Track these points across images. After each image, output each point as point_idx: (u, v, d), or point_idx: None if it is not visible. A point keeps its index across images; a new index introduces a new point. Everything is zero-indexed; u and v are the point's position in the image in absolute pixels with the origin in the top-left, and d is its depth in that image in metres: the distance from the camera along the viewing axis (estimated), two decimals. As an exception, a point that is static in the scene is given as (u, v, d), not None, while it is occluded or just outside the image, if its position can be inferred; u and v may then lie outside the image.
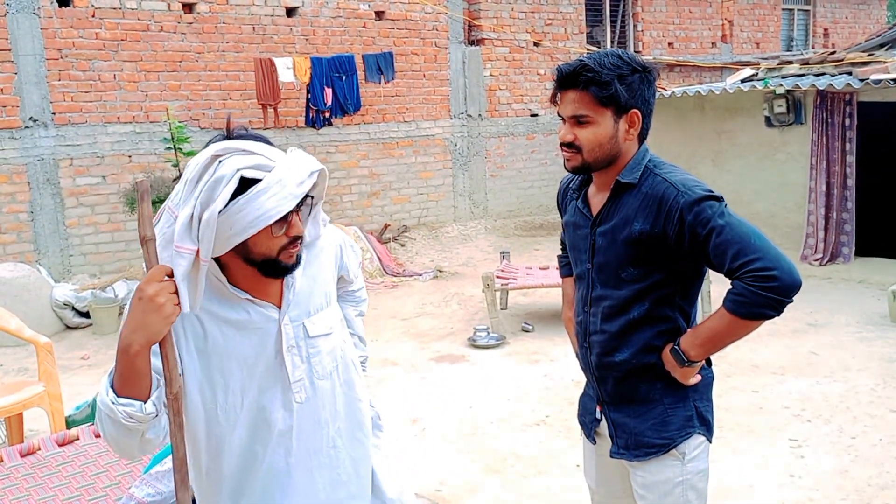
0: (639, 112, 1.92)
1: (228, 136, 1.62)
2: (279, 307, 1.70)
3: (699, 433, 2.00)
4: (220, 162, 1.54)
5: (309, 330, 1.73)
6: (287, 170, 1.56)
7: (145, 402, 1.53)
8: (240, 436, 1.69)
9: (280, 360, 1.70)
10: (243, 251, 1.59)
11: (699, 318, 2.08)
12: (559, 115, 1.97)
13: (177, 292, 1.52)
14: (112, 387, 1.54)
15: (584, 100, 1.89)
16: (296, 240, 1.64)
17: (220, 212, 1.51)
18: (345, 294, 2.13)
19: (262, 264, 1.62)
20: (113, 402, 1.52)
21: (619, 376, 2.00)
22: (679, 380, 1.96)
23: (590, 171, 2.00)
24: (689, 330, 1.96)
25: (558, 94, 1.96)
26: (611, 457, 2.08)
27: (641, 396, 2.00)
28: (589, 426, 2.18)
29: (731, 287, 1.84)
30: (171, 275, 1.53)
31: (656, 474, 2.00)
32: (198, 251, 1.53)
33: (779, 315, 1.82)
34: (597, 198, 2.04)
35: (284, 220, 1.58)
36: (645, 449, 1.99)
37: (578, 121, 1.91)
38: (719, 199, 1.86)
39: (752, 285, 1.78)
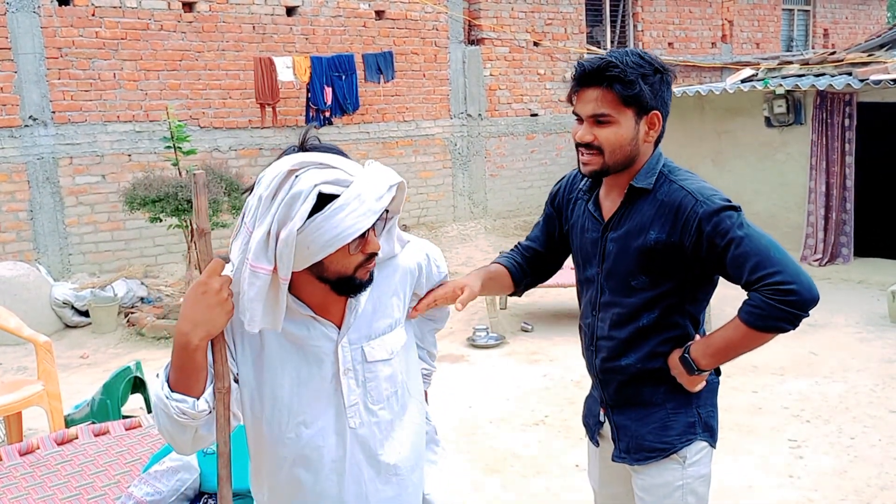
0: (659, 114, 1.86)
1: (302, 147, 1.55)
2: (339, 328, 1.64)
3: (701, 439, 1.97)
4: (297, 177, 1.45)
5: (367, 354, 1.66)
6: (366, 184, 1.49)
7: (198, 398, 1.51)
8: (285, 453, 1.65)
9: (336, 383, 1.64)
10: (317, 270, 1.53)
11: (705, 323, 2.05)
12: (575, 114, 1.90)
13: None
14: (168, 381, 1.51)
15: (606, 98, 1.81)
16: (372, 256, 1.57)
17: (298, 230, 1.44)
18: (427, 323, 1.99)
19: (337, 282, 1.55)
20: (167, 398, 1.49)
21: (624, 380, 1.98)
22: (685, 387, 1.93)
23: (607, 175, 1.92)
24: (699, 339, 1.92)
25: (576, 93, 1.88)
26: (612, 460, 2.06)
27: (644, 400, 1.97)
28: (592, 428, 2.15)
29: (747, 299, 1.80)
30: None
31: (656, 477, 1.97)
32: (274, 269, 1.48)
33: (794, 329, 1.80)
34: (608, 201, 1.98)
35: (361, 236, 1.51)
36: (645, 453, 1.97)
37: (598, 120, 1.84)
38: (737, 209, 1.81)
39: (771, 298, 1.74)
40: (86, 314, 7.18)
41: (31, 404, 4.04)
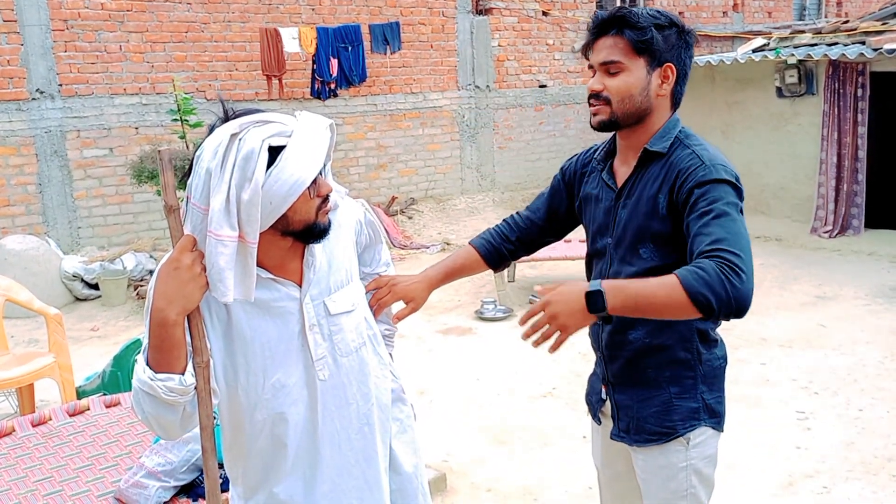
0: (673, 67, 1.83)
1: (226, 117, 1.57)
2: (300, 286, 1.69)
3: (707, 424, 1.92)
4: (241, 139, 1.50)
5: (330, 308, 1.72)
6: (306, 129, 1.56)
7: (183, 374, 1.53)
8: (262, 416, 1.69)
9: (302, 339, 1.69)
10: (282, 224, 1.58)
11: None
12: (590, 67, 1.89)
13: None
14: (148, 364, 1.53)
15: (618, 45, 1.81)
16: (327, 198, 1.65)
17: (261, 186, 1.49)
18: (369, 276, 2.07)
19: (304, 231, 1.62)
20: (152, 379, 1.50)
21: (630, 356, 1.93)
22: (563, 322, 1.62)
23: (617, 128, 1.89)
24: (618, 281, 1.71)
25: (591, 44, 1.87)
26: (610, 438, 2.03)
27: (648, 380, 1.93)
28: (595, 406, 2.12)
29: (695, 261, 1.63)
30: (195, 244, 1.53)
31: (659, 458, 1.93)
32: (239, 236, 1.51)
33: (709, 317, 1.58)
34: (623, 168, 1.95)
35: (313, 181, 1.58)
36: (646, 435, 1.94)
37: (609, 70, 1.83)
38: (739, 191, 1.75)
39: (722, 270, 1.57)
40: (95, 287, 7.22)
41: (42, 376, 4.08)
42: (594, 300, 1.60)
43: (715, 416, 1.94)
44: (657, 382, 1.92)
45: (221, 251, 1.49)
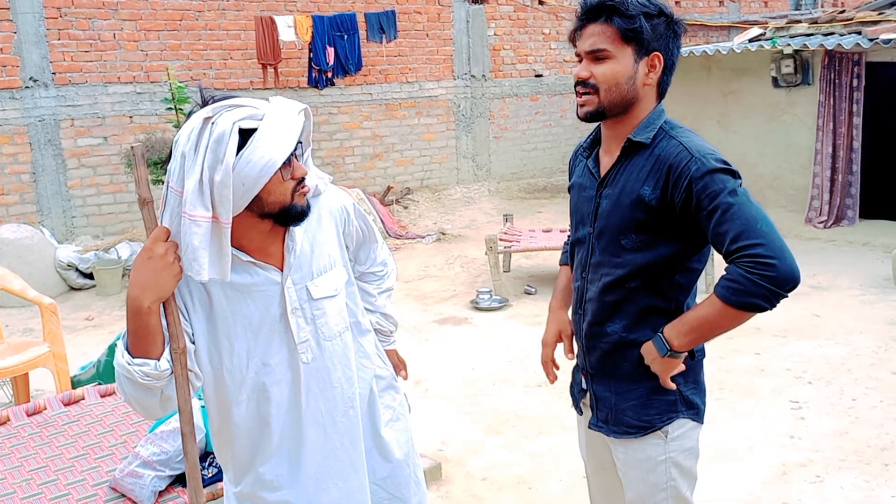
0: (660, 56, 1.82)
1: (204, 103, 1.62)
2: (281, 270, 1.72)
3: (684, 417, 1.92)
4: (214, 123, 1.54)
5: (312, 292, 1.75)
6: (277, 112, 1.60)
7: (159, 359, 1.58)
8: (247, 397, 1.73)
9: (285, 323, 1.72)
10: (258, 206, 1.61)
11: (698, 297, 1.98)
12: (577, 55, 1.88)
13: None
14: (127, 349, 1.58)
15: (606, 33, 1.80)
16: (303, 180, 1.67)
17: (232, 167, 1.53)
18: (364, 274, 2.09)
19: (280, 213, 1.64)
20: (129, 363, 1.56)
21: (607, 348, 1.93)
22: (657, 373, 1.84)
23: (604, 118, 1.88)
24: (675, 319, 1.83)
25: (579, 31, 1.86)
26: (589, 428, 2.03)
27: (625, 373, 1.92)
28: (576, 396, 2.13)
29: (724, 272, 1.72)
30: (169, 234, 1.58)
31: (638, 452, 1.94)
32: (214, 217, 1.54)
33: (771, 309, 1.71)
34: (606, 157, 1.94)
35: (287, 164, 1.61)
36: (624, 427, 1.94)
37: (596, 56, 1.82)
38: (733, 173, 1.75)
39: (749, 272, 1.66)
40: (90, 276, 7.21)
41: (37, 365, 4.08)
42: (660, 345, 1.81)
43: (693, 408, 1.94)
44: (634, 376, 1.92)
45: (195, 231, 1.53)
